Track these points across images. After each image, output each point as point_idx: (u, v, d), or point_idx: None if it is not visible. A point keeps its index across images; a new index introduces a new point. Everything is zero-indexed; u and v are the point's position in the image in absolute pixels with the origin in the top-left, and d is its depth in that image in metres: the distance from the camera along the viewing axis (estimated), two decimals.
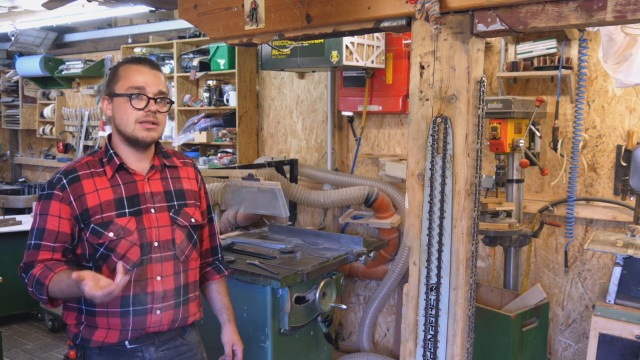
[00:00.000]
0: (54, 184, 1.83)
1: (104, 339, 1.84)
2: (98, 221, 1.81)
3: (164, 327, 1.90)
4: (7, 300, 4.75)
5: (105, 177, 1.86)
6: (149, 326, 1.87)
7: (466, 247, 1.61)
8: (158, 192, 1.93)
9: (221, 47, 4.56)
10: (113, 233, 1.81)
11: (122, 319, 1.83)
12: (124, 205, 1.85)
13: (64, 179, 1.83)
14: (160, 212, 1.91)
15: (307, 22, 1.84)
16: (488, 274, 3.65)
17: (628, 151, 3.11)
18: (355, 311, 4.36)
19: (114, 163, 1.88)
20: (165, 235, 1.90)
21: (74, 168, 1.86)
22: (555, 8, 1.42)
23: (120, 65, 1.90)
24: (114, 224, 1.82)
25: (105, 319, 1.83)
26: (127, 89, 1.83)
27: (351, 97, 4.01)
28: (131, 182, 1.89)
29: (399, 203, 3.89)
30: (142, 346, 1.89)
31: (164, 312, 1.89)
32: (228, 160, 4.69)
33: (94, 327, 1.84)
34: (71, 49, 6.45)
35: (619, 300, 2.41)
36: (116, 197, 1.85)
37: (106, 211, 1.82)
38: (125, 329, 1.84)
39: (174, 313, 1.91)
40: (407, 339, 1.74)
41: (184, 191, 2.00)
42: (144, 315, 1.85)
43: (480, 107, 1.61)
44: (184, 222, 1.96)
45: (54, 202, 1.81)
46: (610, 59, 2.68)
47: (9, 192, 6.52)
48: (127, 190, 1.88)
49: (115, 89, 1.85)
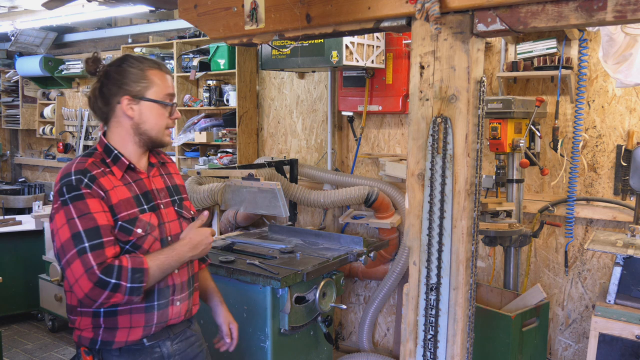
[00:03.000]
0: (75, 185, 1.73)
1: (127, 338, 1.83)
2: (125, 218, 1.80)
3: (180, 319, 1.96)
4: (7, 300, 4.75)
5: (115, 177, 1.85)
6: (170, 318, 1.91)
7: (466, 247, 1.61)
8: (161, 188, 1.98)
9: (221, 47, 4.56)
10: (141, 229, 1.82)
11: (147, 314, 1.84)
12: (141, 202, 1.87)
13: (84, 178, 1.75)
14: (167, 208, 1.96)
15: (307, 22, 1.84)
16: (488, 274, 3.65)
17: (628, 151, 3.11)
18: (355, 311, 4.36)
19: (122, 163, 1.87)
20: (175, 229, 1.96)
21: (86, 168, 1.78)
22: (555, 8, 1.42)
23: (147, 68, 1.87)
24: (140, 220, 1.83)
25: (128, 316, 1.82)
26: (164, 96, 1.88)
27: (351, 97, 4.01)
28: (139, 180, 1.91)
29: (399, 203, 3.89)
30: (158, 341, 1.91)
31: (182, 304, 1.95)
32: (228, 160, 4.69)
33: (114, 328, 1.81)
34: (71, 49, 6.46)
35: (619, 300, 2.41)
36: (133, 194, 1.86)
37: (129, 208, 1.82)
38: (149, 324, 1.85)
39: (187, 303, 1.99)
40: (407, 339, 1.74)
41: (178, 186, 2.08)
42: (166, 308, 1.89)
43: (480, 107, 1.60)
44: (187, 214, 2.04)
45: (89, 200, 1.73)
46: (610, 59, 2.68)
47: (9, 192, 6.52)
48: (139, 188, 1.89)
49: (148, 93, 1.86)
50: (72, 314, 1.86)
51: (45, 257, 4.68)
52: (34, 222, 4.83)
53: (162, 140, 1.92)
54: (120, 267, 1.70)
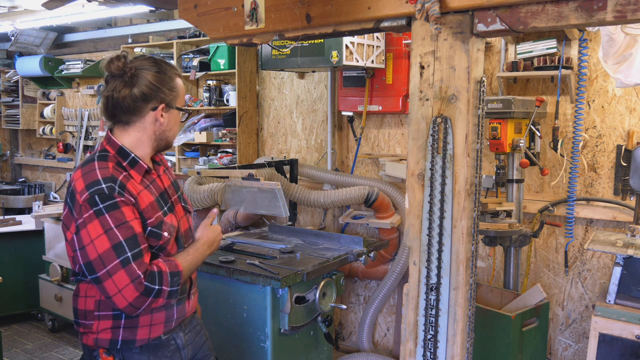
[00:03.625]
0: (108, 194, 1.69)
1: (149, 336, 1.84)
2: (153, 223, 1.80)
3: (192, 311, 2.02)
4: (7, 300, 4.75)
5: (135, 181, 1.81)
6: (188, 311, 1.97)
7: (466, 247, 1.61)
8: (169, 185, 2.00)
9: (221, 47, 4.56)
10: (167, 232, 1.84)
11: (167, 311, 1.87)
12: (162, 204, 1.88)
13: (115, 185, 1.71)
14: (177, 204, 1.98)
15: (307, 22, 1.84)
16: (488, 274, 3.65)
17: (628, 151, 3.11)
18: (355, 311, 4.36)
19: (141, 167, 1.85)
20: (184, 225, 1.99)
21: (112, 175, 1.73)
22: (555, 8, 1.42)
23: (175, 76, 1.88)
24: (165, 223, 1.84)
25: (149, 316, 1.83)
26: (184, 104, 1.95)
27: (351, 97, 4.01)
28: (154, 182, 1.91)
29: (399, 203, 3.89)
30: (173, 334, 1.93)
31: (194, 296, 2.02)
32: (228, 160, 4.69)
33: (134, 327, 1.81)
34: (71, 49, 6.45)
35: (619, 300, 2.41)
36: (154, 197, 1.86)
37: (155, 212, 1.82)
38: (170, 320, 1.89)
39: (197, 294, 2.06)
40: (407, 339, 1.74)
41: (176, 181, 2.10)
42: (184, 303, 1.94)
43: (480, 107, 1.61)
44: (191, 208, 2.09)
45: (125, 209, 1.71)
46: (610, 59, 2.68)
47: (9, 192, 6.53)
48: (157, 189, 1.90)
49: (177, 102, 1.90)
50: (87, 318, 1.82)
51: (45, 257, 4.67)
52: (34, 222, 4.82)
53: (171, 143, 1.97)
54: (161, 272, 1.72)
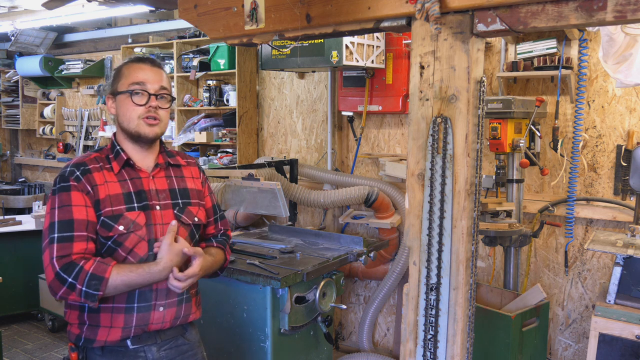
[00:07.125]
0: (67, 176, 1.82)
1: (106, 338, 1.83)
2: (108, 214, 1.81)
3: (166, 325, 1.91)
4: (7, 300, 4.75)
5: (112, 172, 1.88)
6: (152, 323, 1.88)
7: (466, 247, 1.61)
8: (163, 189, 1.96)
9: (221, 47, 4.56)
10: (123, 226, 1.82)
11: (126, 315, 1.84)
12: (132, 199, 1.87)
13: (77, 171, 1.83)
14: (165, 210, 1.93)
15: (307, 22, 1.84)
16: (488, 274, 3.65)
17: (628, 151, 3.11)
18: (355, 311, 4.36)
19: (121, 158, 1.90)
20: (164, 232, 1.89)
21: (84, 161, 1.86)
22: (555, 8, 1.42)
23: (124, 64, 1.95)
24: (124, 217, 1.83)
25: (109, 315, 1.83)
26: (129, 85, 1.88)
27: (351, 97, 4.01)
28: (137, 178, 1.91)
29: (399, 203, 3.89)
30: (144, 346, 1.88)
31: (166, 309, 1.90)
32: (228, 160, 4.69)
33: (96, 325, 1.84)
34: (71, 49, 6.45)
35: (619, 300, 2.41)
36: (124, 191, 1.86)
37: (116, 204, 1.83)
38: (128, 326, 1.84)
39: (176, 310, 1.93)
40: (407, 339, 1.74)
41: (187, 190, 2.02)
42: (147, 312, 1.86)
43: (480, 107, 1.60)
44: (187, 220, 1.98)
45: (74, 193, 1.79)
46: (610, 59, 2.68)
47: (9, 192, 6.52)
48: (134, 186, 1.89)
49: (118, 87, 1.91)
50: (65, 306, 1.91)
51: None
52: (34, 222, 4.83)
53: (137, 131, 1.88)
54: (81, 268, 1.72)
